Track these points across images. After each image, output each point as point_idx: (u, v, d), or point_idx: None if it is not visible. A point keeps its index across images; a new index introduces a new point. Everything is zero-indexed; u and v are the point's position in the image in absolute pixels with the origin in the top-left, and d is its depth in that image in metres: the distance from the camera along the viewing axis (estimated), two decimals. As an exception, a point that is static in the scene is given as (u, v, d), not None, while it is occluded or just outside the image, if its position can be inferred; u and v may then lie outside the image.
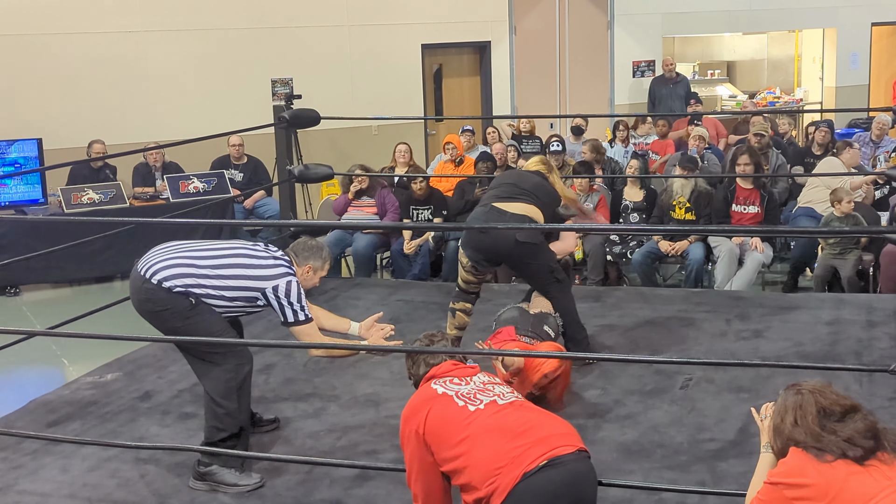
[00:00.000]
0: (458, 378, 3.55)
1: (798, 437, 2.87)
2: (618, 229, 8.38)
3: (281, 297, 4.29)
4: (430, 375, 3.60)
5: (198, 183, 9.87)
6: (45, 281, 9.39)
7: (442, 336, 3.83)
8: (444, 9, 12.86)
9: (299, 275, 4.44)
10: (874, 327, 6.06)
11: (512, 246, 5.34)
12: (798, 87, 16.81)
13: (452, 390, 3.48)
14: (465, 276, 5.63)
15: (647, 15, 14.42)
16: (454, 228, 8.50)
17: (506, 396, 3.48)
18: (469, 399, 3.42)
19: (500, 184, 5.64)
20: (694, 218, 8.07)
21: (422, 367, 3.67)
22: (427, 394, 3.51)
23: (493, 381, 3.60)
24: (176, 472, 4.47)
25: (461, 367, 3.63)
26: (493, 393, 3.48)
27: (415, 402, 3.53)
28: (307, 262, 4.51)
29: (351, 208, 8.82)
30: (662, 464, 4.35)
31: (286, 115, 7.40)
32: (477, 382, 3.54)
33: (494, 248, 5.44)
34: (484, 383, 3.54)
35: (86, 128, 10.43)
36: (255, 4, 11.70)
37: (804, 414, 2.90)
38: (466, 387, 3.50)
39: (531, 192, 5.47)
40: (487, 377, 3.62)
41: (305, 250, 4.53)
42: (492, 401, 3.42)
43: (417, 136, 12.73)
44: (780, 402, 3.03)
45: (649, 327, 6.31)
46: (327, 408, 5.19)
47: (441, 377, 3.56)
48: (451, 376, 3.56)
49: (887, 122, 11.05)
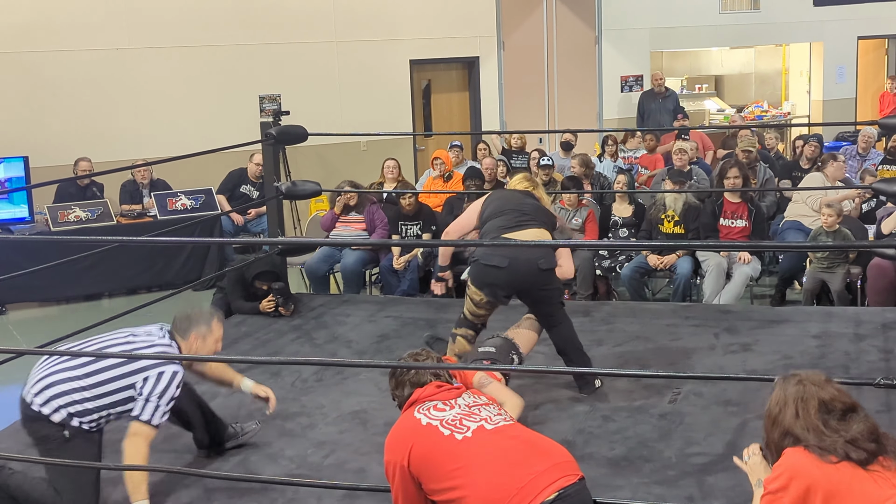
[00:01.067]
0: (442, 402, 3.45)
1: (798, 432, 2.76)
2: (607, 245, 8.39)
3: (147, 389, 4.06)
4: (413, 400, 3.49)
5: (185, 200, 9.85)
6: (31, 300, 9.35)
7: (427, 355, 3.73)
8: (432, 25, 12.89)
9: (186, 349, 4.28)
10: (862, 340, 6.06)
11: (536, 275, 5.18)
12: (785, 100, 16.90)
13: (437, 419, 3.38)
14: (477, 311, 5.34)
15: (634, 30, 14.48)
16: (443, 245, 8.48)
17: (493, 420, 3.40)
18: (455, 427, 3.34)
19: (501, 211, 5.36)
20: (683, 232, 8.08)
21: (406, 388, 3.56)
22: (410, 424, 3.41)
23: (477, 402, 3.52)
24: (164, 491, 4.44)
25: (445, 388, 3.52)
26: (480, 417, 3.39)
27: (398, 433, 3.44)
28: (190, 333, 4.31)
29: (340, 224, 8.80)
30: (651, 479, 4.33)
31: (273, 132, 7.38)
32: (462, 406, 3.44)
33: (518, 280, 5.20)
34: (469, 406, 3.45)
35: (73, 145, 10.40)
36: (243, 21, 11.70)
37: (806, 407, 2.78)
38: (451, 412, 3.40)
39: (535, 215, 5.34)
40: (472, 397, 3.54)
41: (184, 322, 4.33)
42: (479, 426, 3.34)
43: (406, 152, 12.73)
44: (778, 391, 2.90)
45: (638, 342, 6.30)
46: (315, 425, 5.16)
47: (424, 401, 3.46)
48: (434, 400, 3.46)
49: (873, 136, 11.10)
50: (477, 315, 5.36)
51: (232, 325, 7.00)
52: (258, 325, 6.96)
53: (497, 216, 5.33)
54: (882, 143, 11.79)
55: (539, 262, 5.14)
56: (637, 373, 5.52)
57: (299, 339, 6.70)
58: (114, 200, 10.03)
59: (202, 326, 4.33)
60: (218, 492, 4.39)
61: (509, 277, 5.17)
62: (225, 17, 11.60)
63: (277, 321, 7.03)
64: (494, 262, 5.16)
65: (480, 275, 5.26)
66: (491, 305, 5.32)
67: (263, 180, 10.26)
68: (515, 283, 5.22)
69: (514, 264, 5.13)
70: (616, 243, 8.63)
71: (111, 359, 4.12)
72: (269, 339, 6.68)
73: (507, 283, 5.20)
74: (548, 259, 5.20)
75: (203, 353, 4.33)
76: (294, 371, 5.90)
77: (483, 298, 5.25)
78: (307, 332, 6.82)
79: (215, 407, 5.38)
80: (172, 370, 4.12)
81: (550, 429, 4.90)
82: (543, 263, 5.16)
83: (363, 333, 6.76)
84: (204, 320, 4.36)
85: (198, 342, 4.31)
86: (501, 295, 5.25)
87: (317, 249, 8.55)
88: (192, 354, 4.28)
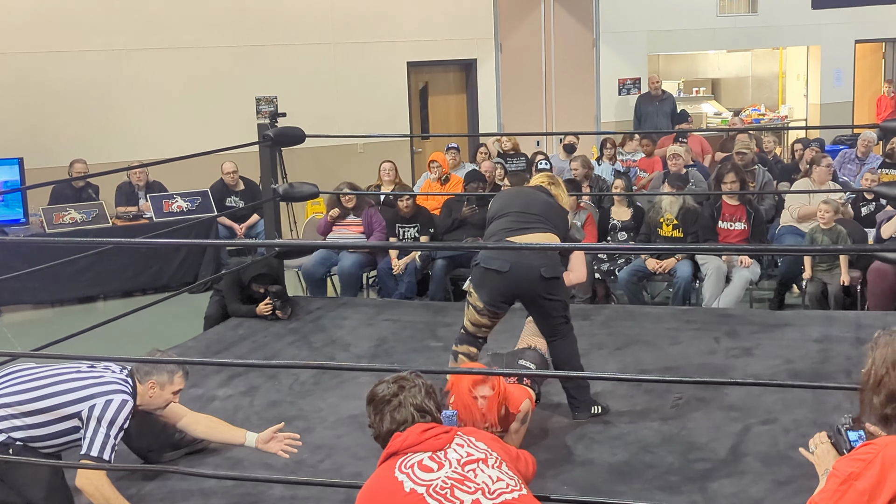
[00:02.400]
0: (430, 457, 2.87)
1: None
2: (608, 248, 8.34)
3: (94, 420, 3.85)
4: (393, 450, 2.92)
5: (181, 202, 9.79)
6: (26, 302, 9.28)
7: (414, 382, 3.15)
8: (429, 27, 12.86)
9: (142, 393, 4.07)
10: (863, 344, 5.93)
11: (536, 282, 4.83)
12: (783, 104, 16.90)
13: (423, 483, 2.79)
14: (478, 320, 5.02)
15: (632, 33, 14.47)
16: (441, 248, 8.46)
17: (492, 491, 2.80)
18: (444, 499, 2.76)
19: (506, 211, 5.07)
20: (681, 235, 8.04)
21: (387, 421, 3.00)
22: (388, 486, 2.83)
23: (473, 454, 2.91)
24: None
25: (434, 434, 2.93)
26: (476, 486, 2.80)
27: (372, 494, 2.87)
28: (149, 378, 4.10)
29: (337, 227, 8.74)
30: (653, 484, 4.29)
31: (271, 133, 7.34)
32: (454, 463, 2.85)
33: (517, 287, 4.89)
34: (462, 464, 2.86)
35: (68, 147, 10.36)
36: (240, 22, 11.66)
37: None
38: (440, 473, 2.82)
39: (542, 216, 4.99)
40: (465, 446, 2.94)
41: (147, 366, 4.12)
42: (474, 500, 2.76)
43: (403, 154, 12.70)
44: (883, 350, 2.62)
45: (638, 346, 6.26)
46: (313, 429, 5.11)
47: (406, 453, 2.89)
48: (420, 452, 2.88)
49: (872, 139, 11.08)
50: (478, 325, 5.05)
51: (229, 329, 6.96)
52: (255, 329, 6.90)
53: (501, 216, 5.06)
54: (880, 147, 11.78)
55: (541, 269, 4.81)
56: (638, 377, 5.47)
57: (297, 342, 6.65)
58: (109, 203, 9.97)
59: (163, 375, 4.13)
60: (216, 496, 4.34)
61: (509, 283, 4.88)
62: (222, 18, 11.57)
63: (274, 324, 6.98)
64: (495, 267, 4.88)
65: (481, 279, 4.98)
66: (491, 314, 5.01)
67: (246, 187, 10.30)
68: (515, 290, 4.92)
69: (514, 269, 4.84)
70: (613, 247, 8.59)
71: (60, 384, 3.95)
72: (267, 343, 6.63)
73: (506, 288, 4.91)
74: (551, 267, 4.87)
75: (157, 402, 4.14)
76: (292, 374, 5.85)
77: (482, 305, 4.97)
78: (305, 336, 6.77)
79: (212, 410, 5.35)
80: (122, 398, 3.95)
81: (552, 433, 4.87)
82: (546, 271, 4.82)
83: (361, 337, 6.71)
84: (167, 370, 4.15)
85: (154, 390, 4.11)
86: (500, 301, 4.96)
87: (314, 252, 8.49)
88: (146, 401, 4.10)
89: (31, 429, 3.94)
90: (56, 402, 3.93)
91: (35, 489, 3.99)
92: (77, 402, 3.92)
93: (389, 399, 3.02)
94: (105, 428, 3.88)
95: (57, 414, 3.93)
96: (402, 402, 3.01)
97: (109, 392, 3.96)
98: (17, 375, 4.06)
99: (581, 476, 4.38)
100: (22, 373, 4.08)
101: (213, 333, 6.92)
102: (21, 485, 3.99)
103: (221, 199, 10.15)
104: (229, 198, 10.22)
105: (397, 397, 3.02)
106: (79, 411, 3.90)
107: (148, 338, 6.79)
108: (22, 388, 3.99)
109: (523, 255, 4.83)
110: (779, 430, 4.75)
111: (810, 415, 4.84)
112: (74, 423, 3.93)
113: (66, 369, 4.07)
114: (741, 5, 15.31)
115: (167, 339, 6.80)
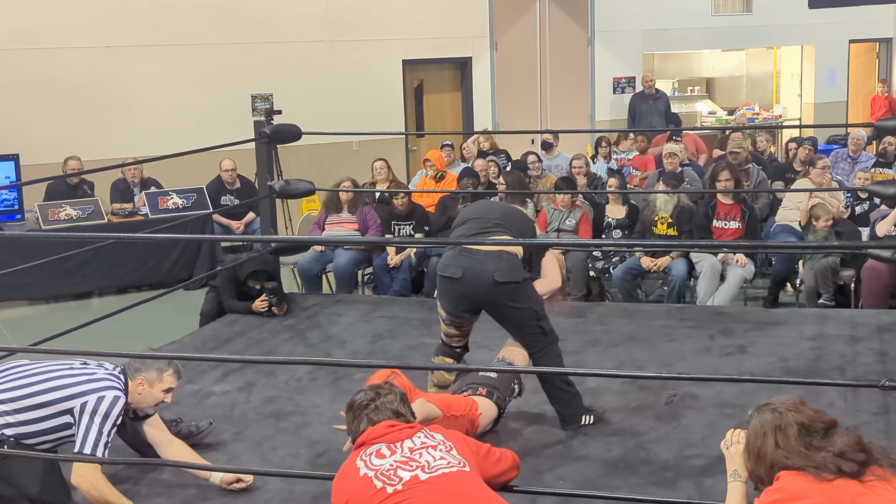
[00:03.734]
0: (386, 446, 3.13)
1: (783, 460, 2.71)
2: (601, 244, 8.37)
3: (86, 415, 3.86)
4: (361, 441, 3.21)
5: (177, 199, 9.80)
6: (20, 298, 9.28)
7: (390, 389, 3.39)
8: (424, 25, 12.87)
9: (132, 390, 4.06)
10: (857, 342, 6.06)
11: (489, 288, 4.60)
12: (777, 103, 16.94)
13: (374, 468, 3.06)
14: (446, 330, 4.91)
15: (627, 32, 14.50)
16: (436, 243, 8.47)
17: (431, 466, 3.03)
18: (387, 479, 3.01)
19: (464, 220, 4.92)
20: (676, 234, 8.07)
21: (363, 422, 3.25)
22: (349, 472, 3.12)
23: (427, 443, 3.16)
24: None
25: (398, 428, 3.19)
26: (417, 464, 3.04)
27: (339, 481, 3.16)
28: (138, 375, 4.08)
29: (332, 225, 8.75)
30: (649, 480, 4.31)
31: (267, 130, 7.34)
32: (405, 449, 3.10)
33: (473, 294, 4.68)
34: (413, 450, 3.10)
35: (63, 144, 10.34)
36: (235, 19, 11.66)
37: (785, 435, 2.73)
38: (390, 458, 3.08)
39: (501, 222, 4.78)
40: (423, 438, 3.18)
41: (138, 362, 4.11)
42: (412, 476, 2.99)
43: (398, 152, 12.70)
44: (754, 423, 2.84)
45: (633, 343, 6.27)
46: (309, 424, 5.13)
47: (370, 444, 3.17)
48: (380, 443, 3.15)
49: (863, 138, 11.12)
50: (449, 336, 4.92)
51: (225, 325, 6.97)
52: (251, 325, 6.91)
53: (461, 225, 4.90)
54: (873, 146, 11.82)
55: (494, 273, 4.58)
56: (633, 374, 5.49)
57: (293, 338, 6.66)
58: (104, 199, 9.97)
59: (152, 373, 4.11)
60: (213, 490, 4.35)
61: (464, 290, 4.69)
62: (217, 15, 11.56)
63: (271, 321, 6.99)
64: (448, 274, 4.72)
65: (440, 288, 4.88)
66: (455, 324, 4.85)
67: (242, 186, 10.29)
68: (472, 297, 4.71)
69: (468, 275, 4.64)
70: (606, 242, 8.62)
71: (52, 381, 3.96)
72: (263, 339, 6.64)
73: (462, 296, 4.73)
74: (507, 272, 4.60)
75: (146, 399, 4.12)
76: (288, 370, 5.87)
77: (445, 314, 4.84)
78: (301, 332, 6.78)
79: (208, 406, 5.37)
80: (114, 395, 3.96)
81: (546, 430, 4.88)
82: (500, 276, 4.58)
83: (357, 333, 6.72)
84: (157, 368, 4.13)
85: (142, 387, 4.09)
86: (461, 310, 4.77)
87: (309, 249, 8.51)
88: (135, 398, 4.09)
89: (23, 425, 3.95)
90: (48, 399, 3.93)
91: (31, 484, 4.00)
92: (69, 398, 3.93)
93: (367, 404, 3.29)
94: (98, 424, 3.89)
95: (49, 410, 3.93)
96: (380, 406, 3.28)
97: (101, 388, 3.96)
98: (9, 372, 4.07)
99: (576, 471, 4.40)
100: (15, 370, 4.08)
101: (209, 330, 6.93)
102: (17, 480, 3.99)
103: (217, 197, 10.15)
104: (224, 196, 10.21)
105: (374, 402, 3.29)
106: (71, 408, 3.91)
107: (143, 334, 6.80)
108: (14, 385, 3.99)
109: (477, 260, 4.63)
110: (773, 427, 4.77)
111: (804, 411, 4.86)
112: (66, 420, 3.94)
113: (58, 366, 4.07)
114: (736, 5, 15.35)
115: (163, 335, 6.81)
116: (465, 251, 4.68)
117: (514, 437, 4.73)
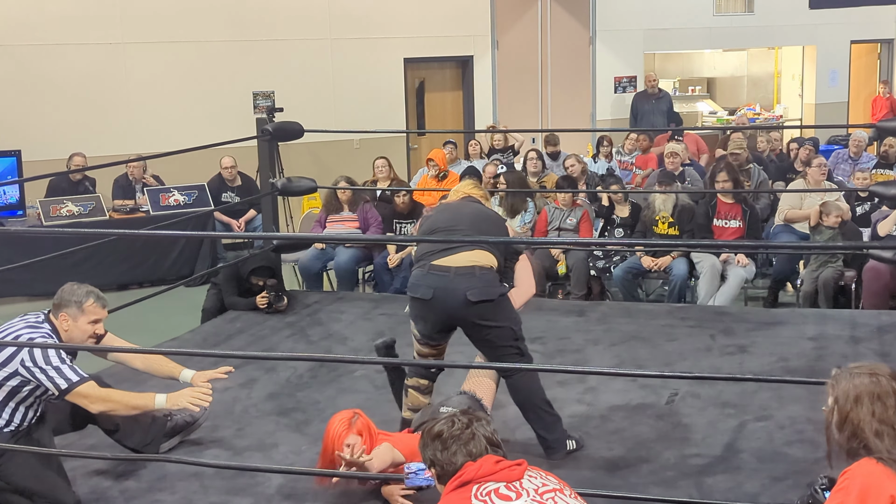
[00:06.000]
0: (505, 486, 2.77)
1: (869, 435, 2.38)
2: (603, 243, 8.37)
3: (33, 368, 3.87)
4: (467, 478, 2.79)
5: (178, 196, 9.80)
6: (21, 293, 9.26)
7: (482, 416, 3.00)
8: (426, 23, 12.87)
9: (59, 328, 4.05)
10: (858, 343, 6.07)
11: (462, 308, 4.30)
12: (778, 103, 16.94)
13: None
14: (420, 349, 4.60)
15: (628, 31, 14.50)
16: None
17: None
18: None
19: (431, 231, 4.60)
20: (677, 233, 8.07)
21: (460, 455, 2.83)
22: None
23: (547, 484, 2.86)
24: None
25: (506, 463, 2.84)
26: None
27: None
28: (60, 312, 4.04)
29: (333, 223, 8.76)
30: (649, 479, 4.32)
31: (270, 128, 7.35)
32: (531, 490, 2.78)
33: (445, 315, 4.38)
34: (540, 492, 2.79)
35: (66, 140, 10.35)
36: (237, 17, 11.67)
37: (884, 405, 2.38)
38: (518, 501, 2.74)
39: (471, 231, 4.45)
40: (538, 478, 2.87)
41: (57, 299, 4.05)
42: None
43: (399, 150, 12.71)
44: (845, 385, 2.51)
45: (634, 342, 6.29)
46: (310, 421, 5.14)
47: (480, 481, 2.78)
48: (494, 481, 2.78)
49: (864, 139, 11.12)
50: (422, 356, 4.61)
51: (226, 322, 6.98)
52: (252, 322, 6.92)
53: (430, 234, 4.64)
54: (874, 147, 11.82)
55: (467, 293, 4.28)
56: (634, 373, 5.50)
57: (294, 335, 6.67)
58: (106, 196, 9.97)
59: (72, 307, 4.06)
60: (214, 486, 4.36)
61: (436, 311, 4.38)
62: (219, 12, 11.57)
63: (272, 318, 7.00)
64: (419, 294, 4.41)
65: (411, 308, 4.57)
66: (428, 345, 4.56)
67: (242, 183, 10.29)
68: (444, 318, 4.41)
69: (438, 295, 4.33)
70: (607, 241, 8.62)
71: None
72: (264, 336, 6.65)
73: (435, 317, 4.43)
74: (481, 290, 4.29)
75: (75, 335, 4.07)
76: (289, 367, 5.88)
77: (418, 334, 4.56)
78: (302, 329, 6.79)
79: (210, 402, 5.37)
80: (38, 336, 3.95)
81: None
82: (473, 295, 4.27)
83: (358, 331, 6.74)
84: (75, 299, 4.07)
85: (67, 322, 4.06)
86: (433, 331, 4.49)
87: (311, 246, 8.51)
88: (66, 335, 4.06)
89: None
90: None
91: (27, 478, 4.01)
92: (4, 363, 3.90)
93: (460, 433, 2.87)
94: (51, 366, 3.90)
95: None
96: (475, 433, 2.87)
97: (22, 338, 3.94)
98: None
99: (576, 470, 4.40)
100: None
101: (210, 326, 6.94)
102: (12, 477, 4.00)
103: (217, 195, 10.14)
104: (225, 193, 10.21)
105: (469, 429, 2.88)
106: (14, 370, 3.90)
107: (144, 331, 6.80)
108: None
109: (447, 279, 4.32)
110: (774, 427, 4.78)
111: (805, 411, 4.87)
112: (15, 383, 3.92)
113: None
114: (737, 5, 15.36)
115: (164, 332, 6.83)
116: (434, 269, 4.37)
117: (514, 437, 4.73)
